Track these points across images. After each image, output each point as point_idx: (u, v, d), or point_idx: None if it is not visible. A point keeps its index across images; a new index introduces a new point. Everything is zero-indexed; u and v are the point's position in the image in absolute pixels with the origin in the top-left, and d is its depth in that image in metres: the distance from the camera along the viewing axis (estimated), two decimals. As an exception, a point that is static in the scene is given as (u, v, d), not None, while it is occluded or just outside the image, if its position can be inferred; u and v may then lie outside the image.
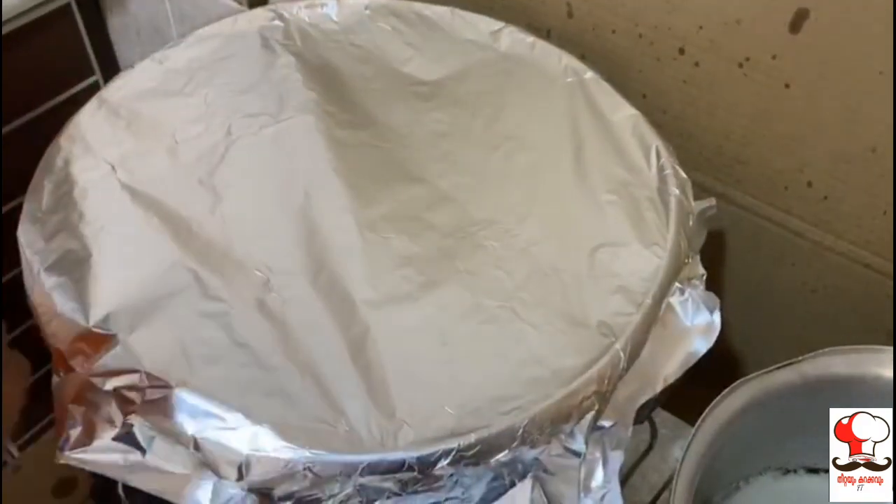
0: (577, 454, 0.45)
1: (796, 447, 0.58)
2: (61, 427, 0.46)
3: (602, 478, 0.45)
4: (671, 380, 0.48)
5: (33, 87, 0.77)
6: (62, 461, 0.45)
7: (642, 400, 0.47)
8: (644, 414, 0.50)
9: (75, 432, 0.45)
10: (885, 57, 0.54)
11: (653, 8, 0.62)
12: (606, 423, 0.46)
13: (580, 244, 0.54)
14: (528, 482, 0.46)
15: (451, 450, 0.43)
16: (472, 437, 0.43)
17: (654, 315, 0.50)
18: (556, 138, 0.60)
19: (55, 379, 0.48)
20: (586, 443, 0.45)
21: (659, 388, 0.48)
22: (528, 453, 0.45)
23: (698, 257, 0.54)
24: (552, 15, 0.67)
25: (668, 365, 0.49)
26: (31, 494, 0.73)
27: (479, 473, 0.45)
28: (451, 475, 0.44)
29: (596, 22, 0.66)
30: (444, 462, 0.43)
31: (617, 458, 0.46)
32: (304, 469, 0.42)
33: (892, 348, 0.53)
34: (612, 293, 0.51)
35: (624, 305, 0.51)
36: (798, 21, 0.56)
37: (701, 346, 0.49)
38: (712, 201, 0.56)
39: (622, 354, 0.47)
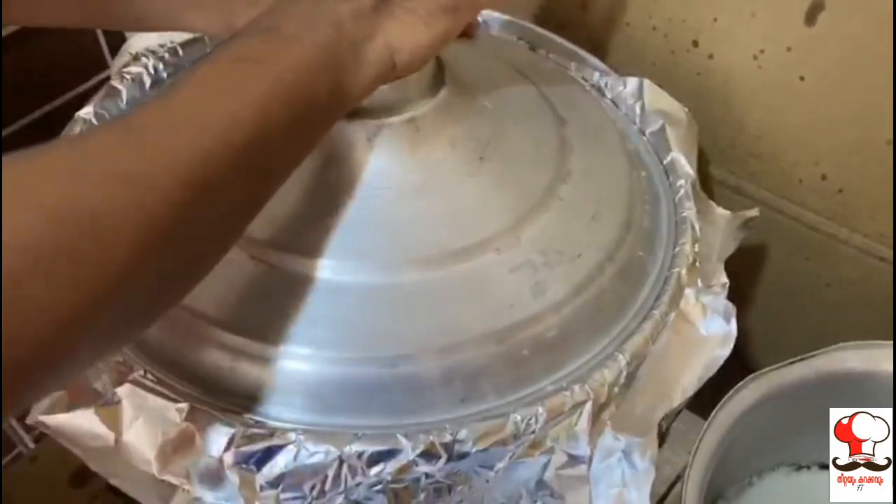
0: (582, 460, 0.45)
1: (809, 443, 0.58)
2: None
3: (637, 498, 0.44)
4: (690, 391, 0.47)
5: (47, 82, 0.77)
6: (30, 421, 0.44)
7: (661, 413, 0.46)
8: (666, 426, 0.49)
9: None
10: (902, 49, 0.53)
11: (667, 0, 0.62)
12: (626, 439, 0.45)
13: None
14: None
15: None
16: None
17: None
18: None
19: None
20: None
21: (677, 400, 0.47)
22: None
23: (721, 265, 0.53)
24: (566, 7, 0.67)
25: (685, 376, 0.48)
26: (46, 485, 0.73)
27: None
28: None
29: (610, 14, 0.66)
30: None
31: (647, 475, 0.44)
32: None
33: (906, 343, 0.53)
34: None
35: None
36: (813, 13, 0.56)
37: (720, 354, 0.48)
38: (748, 214, 0.56)
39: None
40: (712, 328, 0.49)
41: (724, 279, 0.52)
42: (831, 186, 0.62)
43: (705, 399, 0.52)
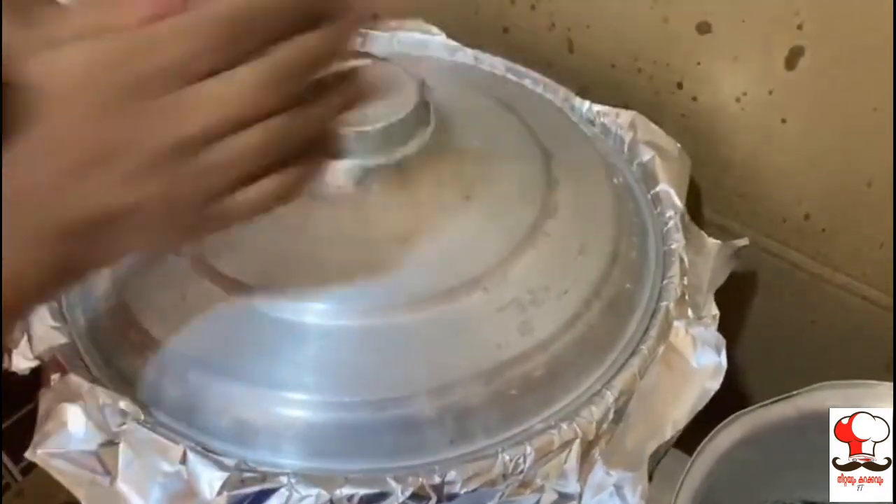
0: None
1: (793, 481, 0.58)
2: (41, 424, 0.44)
3: None
4: (681, 424, 0.48)
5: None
6: (29, 457, 0.43)
7: (652, 447, 0.47)
8: (658, 460, 0.49)
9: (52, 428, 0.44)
10: (880, 93, 0.54)
11: (652, 43, 0.63)
12: (618, 474, 0.45)
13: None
14: None
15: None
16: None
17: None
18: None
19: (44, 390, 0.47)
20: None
21: (668, 433, 0.47)
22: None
23: (711, 296, 0.54)
24: (553, 50, 0.68)
25: (677, 409, 0.48)
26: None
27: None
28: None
29: (596, 56, 0.67)
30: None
31: None
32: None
33: (887, 384, 0.54)
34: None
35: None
36: (793, 58, 0.57)
37: (711, 387, 0.49)
38: (739, 243, 0.57)
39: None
40: (703, 360, 0.50)
41: (715, 311, 0.53)
42: (814, 226, 0.63)
43: (689, 438, 0.53)
